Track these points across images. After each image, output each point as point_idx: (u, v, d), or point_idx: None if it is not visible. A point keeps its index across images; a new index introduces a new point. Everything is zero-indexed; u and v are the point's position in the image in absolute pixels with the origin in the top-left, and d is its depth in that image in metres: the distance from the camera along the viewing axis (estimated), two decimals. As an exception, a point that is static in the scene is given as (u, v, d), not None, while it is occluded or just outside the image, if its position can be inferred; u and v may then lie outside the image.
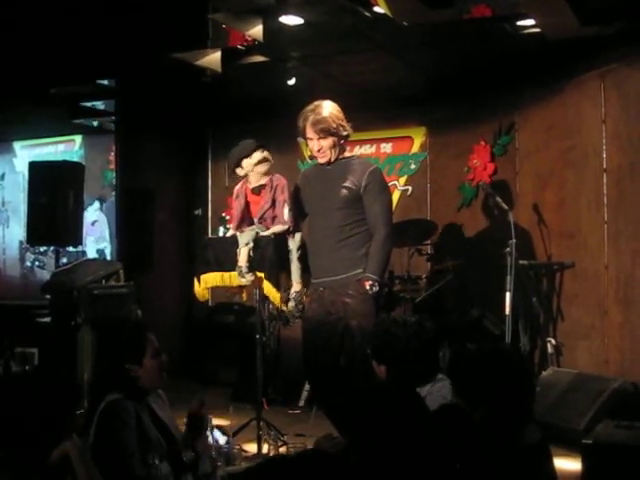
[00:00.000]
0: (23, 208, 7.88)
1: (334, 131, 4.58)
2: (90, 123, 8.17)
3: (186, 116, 8.01)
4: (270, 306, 5.77)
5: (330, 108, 4.61)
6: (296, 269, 4.79)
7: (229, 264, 4.76)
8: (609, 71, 5.75)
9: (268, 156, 4.92)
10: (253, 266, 4.70)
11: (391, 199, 4.95)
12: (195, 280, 4.92)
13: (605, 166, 5.76)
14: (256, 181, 4.91)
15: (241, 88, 6.86)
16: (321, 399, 4.93)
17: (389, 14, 4.93)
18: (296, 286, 4.79)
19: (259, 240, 4.72)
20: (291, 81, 6.58)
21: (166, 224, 8.33)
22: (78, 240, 6.97)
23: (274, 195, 4.81)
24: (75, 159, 8.32)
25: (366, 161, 5.12)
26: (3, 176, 9.35)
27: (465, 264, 6.57)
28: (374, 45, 5.90)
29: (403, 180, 7.60)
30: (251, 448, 4.72)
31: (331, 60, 6.30)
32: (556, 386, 5.33)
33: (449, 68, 6.45)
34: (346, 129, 4.62)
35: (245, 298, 5.09)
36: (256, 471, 1.73)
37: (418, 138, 7.55)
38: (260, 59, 5.99)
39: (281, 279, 4.79)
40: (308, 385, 6.14)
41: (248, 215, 4.94)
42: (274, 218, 4.82)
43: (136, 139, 8.11)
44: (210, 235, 8.14)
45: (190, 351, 7.89)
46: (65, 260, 7.32)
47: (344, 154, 4.71)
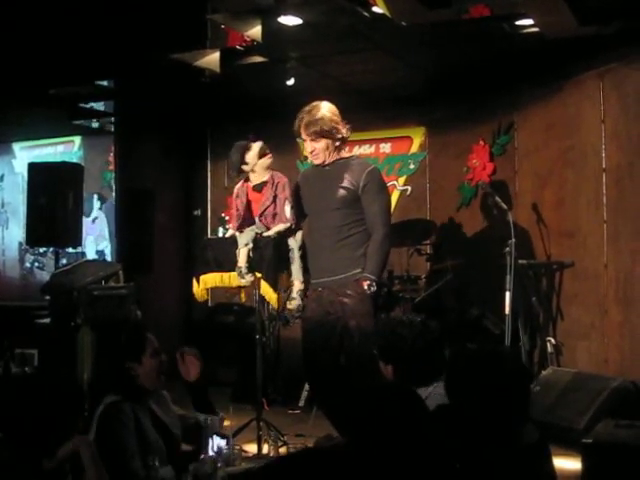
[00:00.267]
0: (22, 209, 7.88)
1: (327, 133, 4.56)
2: (89, 124, 8.17)
3: (185, 116, 8.01)
4: (270, 306, 5.76)
5: (325, 110, 4.59)
6: (298, 267, 4.77)
7: (228, 264, 4.76)
8: (608, 71, 5.75)
9: (266, 148, 4.87)
10: (252, 266, 4.69)
11: (389, 199, 4.95)
12: (194, 280, 4.91)
13: (604, 166, 5.76)
14: (259, 178, 4.87)
15: (240, 88, 6.86)
16: (321, 399, 4.93)
17: (388, 14, 4.93)
18: (298, 284, 4.78)
19: (258, 240, 4.72)
20: (290, 81, 6.58)
21: (165, 225, 8.33)
22: (77, 241, 6.97)
23: (275, 192, 4.79)
24: (74, 160, 8.33)
25: (364, 161, 5.12)
26: (2, 177, 9.35)
27: (464, 264, 6.57)
28: (373, 45, 5.90)
29: (402, 180, 7.60)
30: (251, 448, 4.71)
31: (330, 60, 6.30)
32: (556, 385, 5.33)
33: (448, 68, 6.45)
34: (341, 131, 4.60)
35: (244, 298, 5.09)
36: (257, 473, 1.73)
37: (417, 138, 7.55)
38: (259, 59, 5.99)
39: (279, 280, 4.79)
40: (308, 385, 6.13)
41: (249, 214, 4.93)
42: (274, 215, 4.80)
43: (135, 140, 8.11)
44: (209, 235, 8.15)
45: (190, 352, 7.87)
46: (64, 261, 7.32)
47: (342, 154, 4.70)
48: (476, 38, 5.63)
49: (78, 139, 8.81)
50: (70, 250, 7.80)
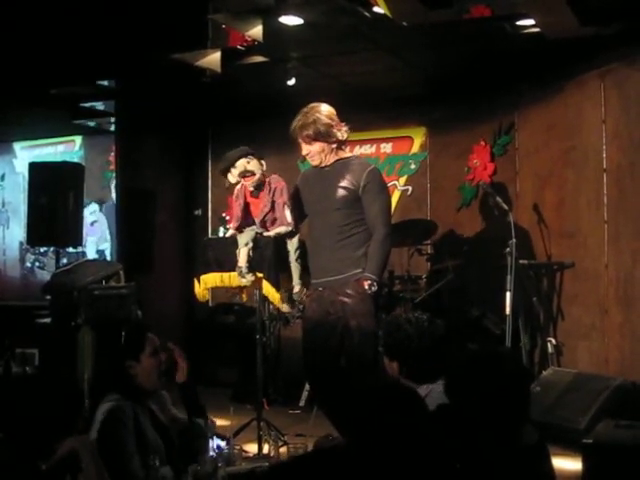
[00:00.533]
0: (23, 209, 7.89)
1: (322, 137, 4.55)
2: (90, 124, 8.17)
3: (186, 116, 8.02)
4: (270, 306, 5.76)
5: (320, 113, 4.57)
6: (295, 270, 4.79)
7: (229, 264, 4.76)
8: (609, 71, 5.75)
9: (253, 167, 4.69)
10: (253, 266, 4.69)
11: (390, 199, 4.94)
12: (195, 281, 4.91)
13: (605, 166, 5.76)
14: (250, 186, 4.85)
15: (241, 88, 6.86)
16: (321, 399, 4.93)
17: (389, 14, 4.92)
18: (296, 287, 4.80)
19: (259, 240, 4.72)
20: (291, 81, 6.59)
21: (166, 224, 8.33)
22: (78, 241, 6.98)
23: (273, 197, 4.77)
24: (75, 160, 8.33)
25: (365, 161, 5.11)
26: (3, 177, 9.36)
27: (465, 264, 6.58)
28: (374, 45, 5.90)
29: (403, 180, 7.60)
30: (252, 448, 4.71)
31: (331, 60, 6.30)
32: (556, 386, 5.33)
33: (449, 68, 6.45)
34: (336, 134, 4.58)
35: (245, 298, 5.09)
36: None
37: (418, 138, 7.55)
38: (260, 59, 5.99)
39: (281, 279, 4.79)
40: (308, 385, 6.14)
41: (248, 215, 4.93)
42: (274, 221, 4.79)
43: (136, 139, 8.11)
44: (210, 235, 8.15)
45: (190, 351, 7.86)
46: (65, 261, 7.33)
47: (342, 155, 4.69)
48: (477, 38, 5.63)
49: (79, 139, 8.82)
50: (71, 250, 7.81)
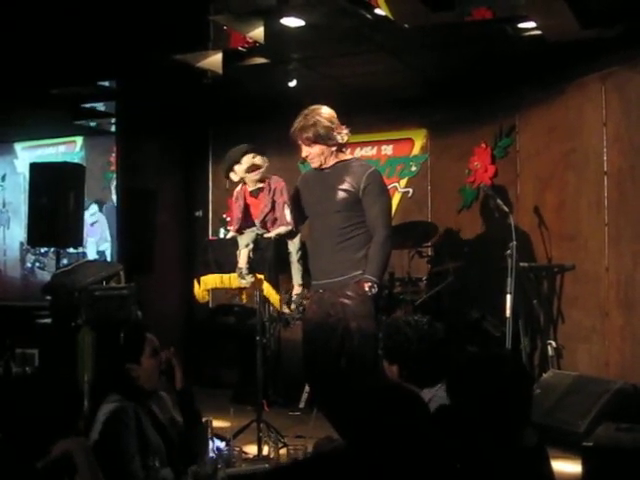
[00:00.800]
0: (24, 209, 7.90)
1: (321, 139, 4.54)
2: (91, 124, 8.18)
3: (187, 117, 8.02)
4: (271, 308, 5.76)
5: (320, 115, 4.56)
6: (296, 271, 4.78)
7: (229, 266, 4.75)
8: (610, 74, 5.75)
9: (260, 161, 4.76)
10: (253, 267, 4.69)
11: (390, 201, 4.92)
12: (195, 282, 4.91)
13: (606, 169, 5.76)
14: (252, 185, 4.87)
15: (242, 90, 6.87)
16: (321, 401, 4.93)
17: (390, 16, 4.93)
18: (297, 288, 4.79)
19: (259, 241, 4.71)
20: (292, 83, 6.59)
21: (167, 225, 8.33)
22: (79, 241, 6.98)
23: (273, 198, 4.77)
24: (76, 160, 8.34)
25: (365, 163, 5.10)
26: (4, 177, 9.37)
27: (465, 266, 6.57)
28: (375, 47, 5.90)
29: (404, 182, 7.61)
30: (251, 450, 4.71)
31: (332, 62, 6.31)
32: (556, 388, 5.33)
33: (450, 70, 6.46)
34: (336, 137, 4.57)
35: (245, 300, 5.08)
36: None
37: (419, 140, 7.55)
38: (261, 61, 6.00)
39: (281, 281, 4.79)
40: (308, 387, 6.13)
41: (248, 217, 4.93)
42: (274, 221, 4.79)
43: (137, 140, 8.11)
44: (211, 236, 8.15)
45: (190, 353, 7.88)
46: (66, 261, 7.34)
47: (341, 157, 4.68)
48: (478, 41, 5.64)
49: (80, 139, 8.83)
50: (71, 250, 7.82)
